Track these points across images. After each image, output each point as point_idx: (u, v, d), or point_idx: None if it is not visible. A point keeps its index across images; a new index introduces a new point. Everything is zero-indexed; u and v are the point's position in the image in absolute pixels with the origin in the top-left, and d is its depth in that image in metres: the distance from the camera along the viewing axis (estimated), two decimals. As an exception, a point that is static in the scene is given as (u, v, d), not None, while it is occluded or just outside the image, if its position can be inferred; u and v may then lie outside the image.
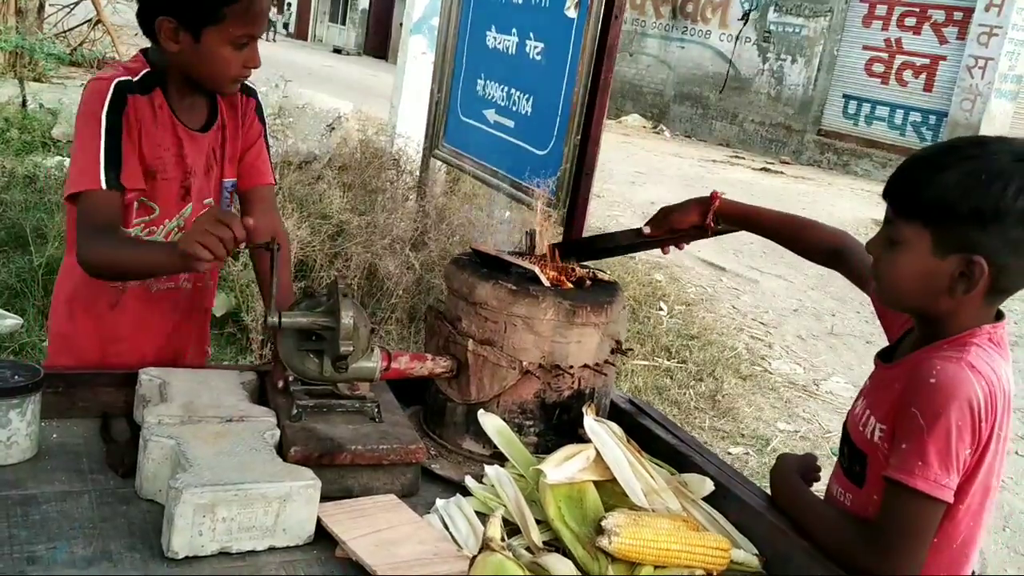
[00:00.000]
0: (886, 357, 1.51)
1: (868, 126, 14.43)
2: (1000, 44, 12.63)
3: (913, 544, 1.30)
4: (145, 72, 1.78)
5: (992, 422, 1.30)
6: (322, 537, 1.37)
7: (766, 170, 13.33)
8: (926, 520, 1.30)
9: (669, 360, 5.16)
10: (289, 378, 1.64)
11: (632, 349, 4.49)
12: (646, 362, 5.06)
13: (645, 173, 11.04)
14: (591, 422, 1.60)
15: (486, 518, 1.40)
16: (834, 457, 1.64)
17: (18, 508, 1.34)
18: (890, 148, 13.63)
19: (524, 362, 1.66)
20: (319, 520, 1.37)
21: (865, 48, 14.42)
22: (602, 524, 1.37)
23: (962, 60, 13.04)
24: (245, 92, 1.94)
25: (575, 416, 1.68)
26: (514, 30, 3.51)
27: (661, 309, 5.98)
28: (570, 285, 1.76)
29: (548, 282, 1.72)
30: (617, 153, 11.62)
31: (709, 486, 1.58)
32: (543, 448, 1.68)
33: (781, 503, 1.52)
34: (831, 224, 1.82)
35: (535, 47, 3.37)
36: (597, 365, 1.72)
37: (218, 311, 4.02)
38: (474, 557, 1.30)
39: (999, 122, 12.83)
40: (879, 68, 14.25)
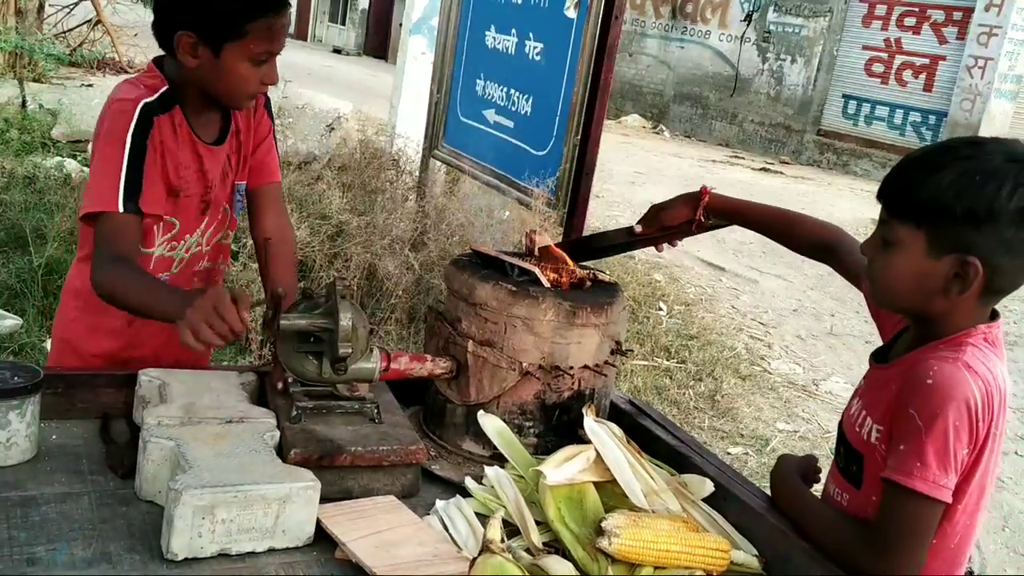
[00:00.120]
0: (880, 357, 1.51)
1: (868, 126, 14.42)
2: (1000, 44, 12.62)
3: (912, 545, 1.31)
4: (164, 90, 1.76)
5: (989, 422, 1.31)
6: (322, 538, 1.37)
7: (766, 170, 13.33)
8: (925, 521, 1.30)
9: (668, 360, 5.16)
10: (289, 379, 1.64)
11: (632, 349, 4.49)
12: (645, 362, 5.06)
13: (645, 173, 11.04)
14: (591, 423, 1.60)
15: (486, 519, 1.41)
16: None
17: (18, 509, 1.34)
18: (890, 148, 13.62)
19: (524, 363, 1.66)
20: (319, 521, 1.37)
21: (865, 48, 14.41)
22: (602, 525, 1.37)
23: (962, 60, 13.03)
24: None
25: (575, 417, 1.68)
26: (514, 30, 3.51)
27: (660, 309, 5.98)
28: (565, 279, 1.76)
29: (548, 283, 1.72)
30: (617, 153, 11.61)
31: (709, 487, 1.58)
32: (543, 449, 1.68)
33: (781, 504, 1.52)
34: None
35: (535, 47, 3.37)
36: (597, 366, 1.72)
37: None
38: (474, 559, 1.30)
39: (999, 122, 12.82)
40: (879, 68, 14.24)
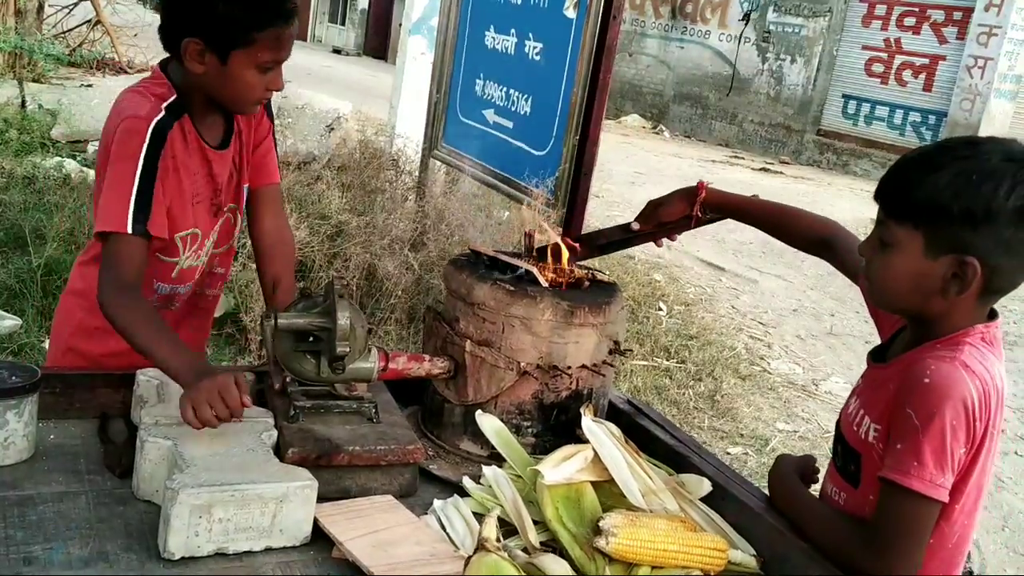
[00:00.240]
0: (878, 356, 1.50)
1: (867, 126, 14.41)
2: (999, 44, 12.61)
3: (910, 544, 1.30)
4: (172, 100, 1.76)
5: (986, 421, 1.30)
6: (319, 538, 1.37)
7: (765, 170, 13.33)
8: (922, 520, 1.30)
9: (668, 360, 5.16)
10: (287, 379, 1.64)
11: (631, 349, 4.49)
12: (645, 362, 5.06)
13: (644, 173, 11.04)
14: (589, 422, 1.60)
15: (483, 519, 1.40)
16: (832, 456, 1.63)
17: (15, 509, 1.34)
18: (890, 148, 13.60)
19: (522, 363, 1.66)
20: (316, 521, 1.37)
21: (864, 48, 14.40)
22: (599, 524, 1.37)
23: (961, 60, 13.02)
24: None
25: (573, 417, 1.68)
26: (513, 30, 3.51)
27: (660, 309, 5.98)
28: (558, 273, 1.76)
29: (546, 283, 1.72)
30: (616, 153, 11.61)
31: (707, 486, 1.58)
32: (541, 449, 1.68)
33: (779, 504, 1.52)
34: None
35: (534, 47, 3.37)
36: (595, 365, 1.72)
37: (217, 312, 4.01)
38: (469, 557, 1.30)
39: (999, 122, 12.81)
40: (878, 68, 14.24)
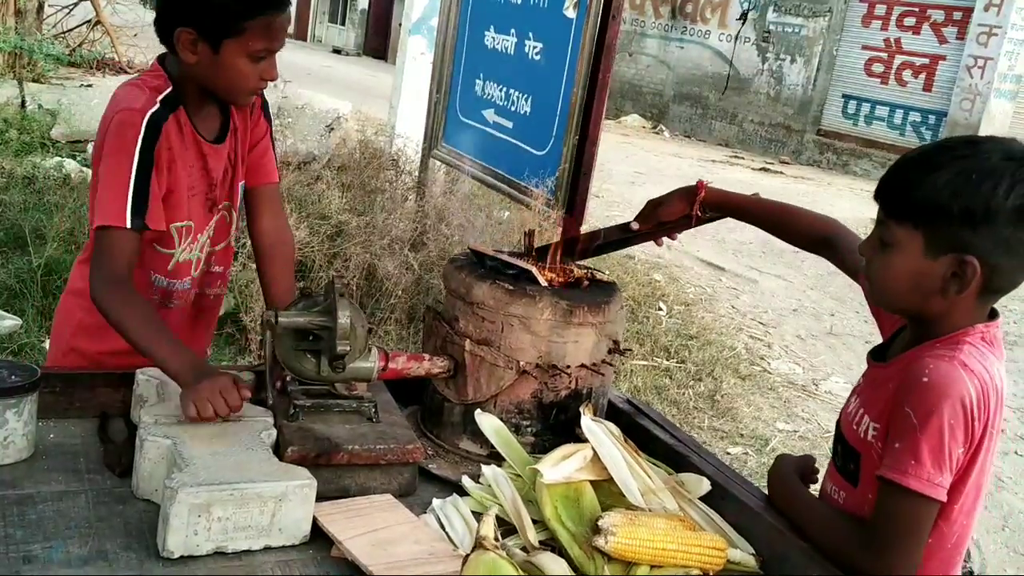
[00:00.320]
0: (878, 355, 1.50)
1: (868, 126, 14.42)
2: (999, 44, 12.62)
3: (908, 543, 1.30)
4: (167, 92, 1.76)
5: (985, 421, 1.30)
6: (318, 537, 1.37)
7: (765, 170, 13.33)
8: (920, 519, 1.30)
9: (668, 360, 5.16)
10: (287, 378, 1.64)
11: (631, 349, 4.48)
12: (645, 362, 5.06)
13: (644, 173, 11.04)
14: (588, 422, 1.60)
15: (482, 517, 1.40)
16: (832, 456, 1.63)
17: (14, 508, 1.34)
18: (890, 148, 13.60)
19: (521, 362, 1.66)
20: (315, 520, 1.37)
21: (864, 48, 14.40)
22: (598, 523, 1.37)
23: (961, 60, 13.03)
24: None
25: (572, 416, 1.68)
26: (513, 30, 3.52)
27: (660, 309, 5.98)
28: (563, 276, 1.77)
29: (545, 282, 1.72)
30: (616, 153, 11.61)
31: (706, 486, 1.58)
32: (540, 448, 1.68)
33: (778, 503, 1.52)
34: None
35: (534, 47, 3.37)
36: (594, 365, 1.72)
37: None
38: (467, 556, 1.30)
39: (999, 122, 12.82)
40: (878, 68, 14.24)
